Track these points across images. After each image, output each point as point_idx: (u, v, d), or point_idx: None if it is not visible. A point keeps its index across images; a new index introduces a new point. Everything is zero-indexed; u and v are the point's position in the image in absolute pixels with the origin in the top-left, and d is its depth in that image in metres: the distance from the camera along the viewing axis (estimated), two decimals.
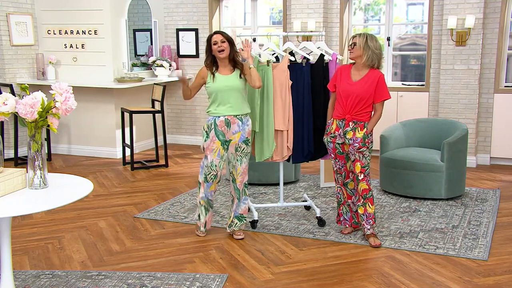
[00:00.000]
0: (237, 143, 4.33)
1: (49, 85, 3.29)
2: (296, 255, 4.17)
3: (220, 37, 4.23)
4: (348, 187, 4.49)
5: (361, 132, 4.25)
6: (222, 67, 4.31)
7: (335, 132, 4.33)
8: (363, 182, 4.31)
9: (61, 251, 4.27)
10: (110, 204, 5.48)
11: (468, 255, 4.11)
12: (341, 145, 4.35)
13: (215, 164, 4.32)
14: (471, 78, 6.83)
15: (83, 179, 3.16)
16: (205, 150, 4.34)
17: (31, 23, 7.64)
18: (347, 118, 4.27)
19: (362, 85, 4.21)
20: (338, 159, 4.40)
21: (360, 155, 4.27)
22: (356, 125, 4.25)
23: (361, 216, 4.37)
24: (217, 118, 4.28)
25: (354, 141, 4.25)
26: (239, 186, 4.43)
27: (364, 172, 4.30)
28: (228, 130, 4.29)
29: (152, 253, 4.22)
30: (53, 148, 7.77)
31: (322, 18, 7.45)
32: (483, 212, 5.13)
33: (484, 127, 7.09)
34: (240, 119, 4.31)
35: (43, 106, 2.92)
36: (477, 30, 6.73)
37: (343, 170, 4.43)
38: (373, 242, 4.32)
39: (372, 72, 4.24)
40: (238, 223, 4.50)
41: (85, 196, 2.90)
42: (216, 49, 4.23)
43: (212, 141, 4.30)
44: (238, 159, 4.37)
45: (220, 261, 4.06)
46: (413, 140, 5.95)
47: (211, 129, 4.29)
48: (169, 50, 8.37)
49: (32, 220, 4.96)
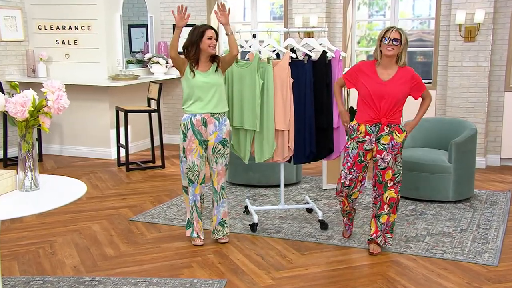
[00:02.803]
0: (214, 144, 4.34)
1: (40, 83, 3.29)
2: (298, 259, 4.18)
3: (214, 33, 4.25)
4: (351, 198, 4.33)
5: (400, 136, 4.09)
6: (202, 62, 4.31)
7: (365, 137, 4.11)
8: (392, 190, 4.17)
9: (53, 256, 4.28)
10: (104, 207, 5.48)
11: (478, 260, 4.11)
12: (365, 153, 4.13)
13: (196, 164, 4.34)
14: (481, 76, 6.84)
15: (76, 181, 3.17)
16: (185, 151, 4.35)
17: (20, 17, 7.64)
18: (382, 122, 4.05)
19: (396, 85, 4.02)
20: (356, 168, 4.16)
21: (394, 161, 4.11)
22: (392, 128, 4.07)
23: (381, 225, 4.24)
24: (193, 117, 4.30)
25: (394, 146, 4.08)
26: (216, 188, 4.45)
27: (394, 180, 4.15)
28: (205, 129, 4.31)
29: (148, 257, 4.23)
30: (45, 148, 7.78)
31: (324, 13, 7.46)
32: (493, 215, 5.14)
33: (494, 126, 7.10)
34: (217, 118, 4.31)
35: (34, 105, 2.92)
36: (487, 25, 6.73)
37: (353, 181, 4.19)
38: (377, 249, 4.27)
39: (402, 70, 4.06)
40: (221, 229, 4.51)
41: (78, 199, 2.91)
42: (210, 44, 4.23)
43: (190, 140, 4.31)
44: (215, 159, 4.38)
45: (218, 266, 4.06)
46: (420, 140, 5.96)
47: (188, 128, 4.31)
48: (165, 46, 8.38)
49: (22, 224, 4.96)
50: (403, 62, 4.06)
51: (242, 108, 4.68)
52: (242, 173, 6.08)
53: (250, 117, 4.64)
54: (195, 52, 4.24)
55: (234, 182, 6.20)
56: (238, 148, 4.84)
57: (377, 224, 4.26)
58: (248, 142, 4.74)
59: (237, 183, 6.20)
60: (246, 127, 4.68)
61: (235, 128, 4.79)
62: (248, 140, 4.74)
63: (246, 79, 4.64)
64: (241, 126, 4.71)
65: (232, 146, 4.85)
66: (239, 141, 4.82)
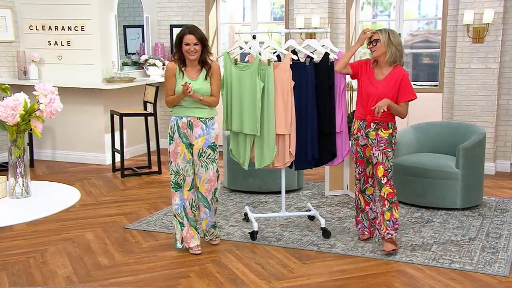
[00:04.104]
0: (201, 148, 4.35)
1: (31, 86, 3.30)
2: (299, 269, 4.18)
3: (193, 39, 4.22)
4: (366, 193, 4.61)
5: (385, 132, 4.35)
6: (190, 66, 4.35)
7: (357, 133, 4.47)
8: (387, 186, 4.37)
9: (44, 265, 4.27)
10: (98, 214, 5.48)
11: (487, 271, 4.11)
12: (362, 149, 4.47)
13: (181, 168, 4.38)
14: (489, 78, 6.85)
15: (69, 187, 3.18)
16: (170, 155, 4.39)
17: (10, 17, 7.65)
18: (367, 119, 4.37)
19: (386, 85, 4.29)
20: (359, 163, 4.54)
21: (384, 156, 4.34)
22: (378, 125, 4.35)
23: (386, 222, 4.39)
24: (179, 119, 4.36)
25: (379, 141, 4.34)
26: (206, 195, 4.45)
27: (387, 176, 4.37)
28: (191, 133, 4.34)
29: (143, 267, 4.23)
30: (36, 153, 7.78)
31: (327, 14, 7.48)
32: (503, 224, 5.14)
33: (504, 131, 7.11)
34: (204, 122, 4.35)
35: (26, 109, 2.93)
36: (496, 26, 6.74)
37: (362, 176, 4.56)
38: (389, 247, 4.35)
39: (395, 70, 4.32)
40: (213, 231, 4.62)
41: (71, 206, 2.91)
42: (187, 49, 4.24)
43: (176, 143, 4.37)
44: (203, 165, 4.38)
45: (217, 276, 4.06)
46: (426, 145, 5.96)
47: (174, 131, 4.37)
48: (162, 48, 8.39)
49: (13, 232, 4.96)
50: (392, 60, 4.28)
51: (241, 112, 4.68)
52: (242, 179, 6.08)
53: (250, 121, 4.64)
54: (179, 56, 4.32)
55: (233, 188, 6.20)
56: (238, 154, 4.84)
57: (384, 222, 4.41)
58: (248, 147, 4.74)
59: (236, 189, 6.20)
60: (246, 131, 4.68)
61: (234, 133, 4.79)
62: (248, 145, 4.74)
63: (246, 81, 4.64)
64: (241, 130, 4.71)
65: (231, 151, 4.86)
66: (239, 146, 4.82)
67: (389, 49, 4.25)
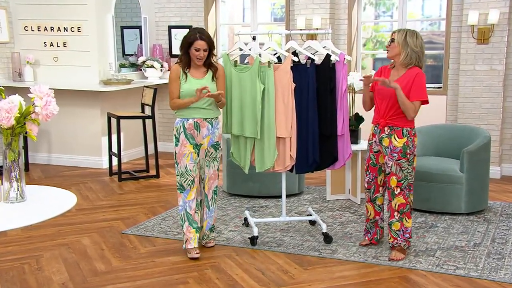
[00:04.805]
0: (206, 147, 4.45)
1: (27, 88, 3.29)
2: (300, 275, 4.17)
3: (204, 45, 4.29)
4: (376, 203, 4.56)
5: (400, 141, 4.26)
6: (195, 68, 4.41)
7: (372, 139, 4.44)
8: (400, 197, 4.33)
9: (39, 272, 4.27)
10: (95, 219, 5.48)
11: (493, 277, 4.10)
12: (375, 156, 4.42)
13: (189, 169, 4.42)
14: (495, 80, 6.85)
15: (65, 192, 3.18)
16: (177, 156, 4.44)
17: (5, 18, 7.65)
18: (381, 123, 4.32)
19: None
20: (370, 171, 4.48)
21: (398, 167, 4.27)
22: (392, 131, 4.28)
23: (395, 232, 4.38)
24: (185, 121, 4.40)
25: (393, 151, 4.27)
26: (207, 192, 4.56)
27: (401, 186, 4.31)
28: (198, 133, 4.41)
29: (141, 273, 4.22)
30: (31, 157, 7.78)
31: (328, 15, 7.49)
32: (509, 229, 5.14)
33: (510, 134, 7.11)
34: (210, 122, 4.43)
35: (21, 111, 2.93)
36: (501, 26, 6.75)
37: (372, 184, 4.50)
38: (397, 256, 4.36)
39: (410, 71, 4.25)
40: (209, 234, 4.68)
41: (67, 211, 2.91)
42: (197, 55, 4.31)
43: (183, 145, 4.41)
44: (207, 163, 4.50)
45: (216, 282, 4.06)
46: (430, 149, 5.96)
47: (180, 132, 4.41)
48: (160, 49, 8.40)
49: (7, 238, 4.96)
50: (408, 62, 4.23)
51: (242, 115, 4.68)
52: (242, 183, 6.08)
53: (251, 124, 4.64)
54: (186, 59, 4.38)
55: (233, 192, 6.20)
56: (238, 157, 4.85)
57: (391, 232, 4.41)
58: (248, 150, 4.74)
59: (236, 193, 6.20)
60: (247, 134, 4.68)
61: (235, 136, 4.80)
62: (248, 148, 4.74)
63: (246, 83, 4.65)
64: (241, 133, 4.72)
65: (232, 154, 4.87)
66: (239, 150, 4.82)
67: (403, 50, 4.20)
